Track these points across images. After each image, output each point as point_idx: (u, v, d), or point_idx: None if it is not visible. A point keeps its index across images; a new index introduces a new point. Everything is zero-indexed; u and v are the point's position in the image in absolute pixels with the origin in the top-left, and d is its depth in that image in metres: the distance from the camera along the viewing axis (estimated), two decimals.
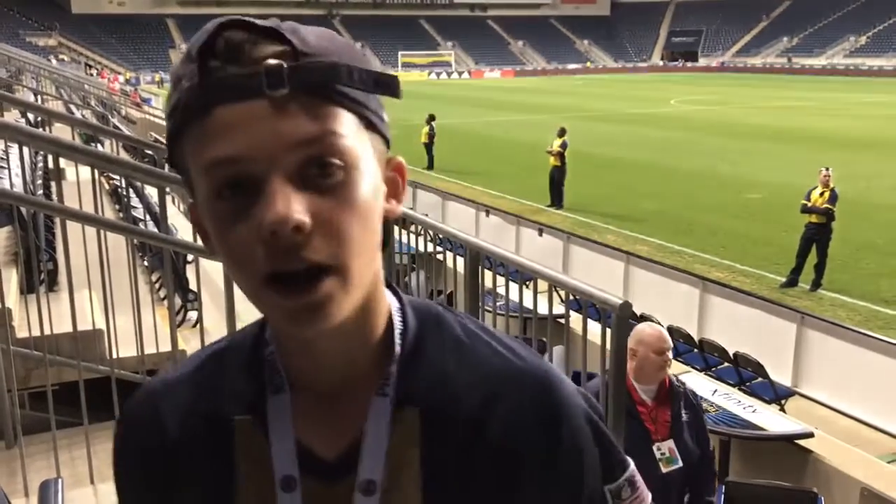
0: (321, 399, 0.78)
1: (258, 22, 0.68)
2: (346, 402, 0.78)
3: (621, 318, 2.87)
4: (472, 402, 0.78)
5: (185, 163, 0.71)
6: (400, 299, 0.82)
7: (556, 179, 17.75)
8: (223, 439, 0.79)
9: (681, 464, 3.50)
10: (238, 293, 3.99)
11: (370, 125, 0.72)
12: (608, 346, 3.01)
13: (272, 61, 0.66)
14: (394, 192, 0.77)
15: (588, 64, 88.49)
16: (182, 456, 0.80)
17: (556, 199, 17.72)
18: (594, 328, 3.65)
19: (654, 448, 3.47)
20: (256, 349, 0.81)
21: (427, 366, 0.79)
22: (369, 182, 0.70)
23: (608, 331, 2.99)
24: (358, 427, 0.77)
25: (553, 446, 0.78)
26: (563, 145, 17.59)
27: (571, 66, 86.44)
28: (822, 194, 11.57)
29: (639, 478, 0.88)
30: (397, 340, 0.79)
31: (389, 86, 0.70)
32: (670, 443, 3.51)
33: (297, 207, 0.65)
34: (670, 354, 3.60)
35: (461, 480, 0.77)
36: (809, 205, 11.68)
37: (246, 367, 0.81)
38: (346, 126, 0.68)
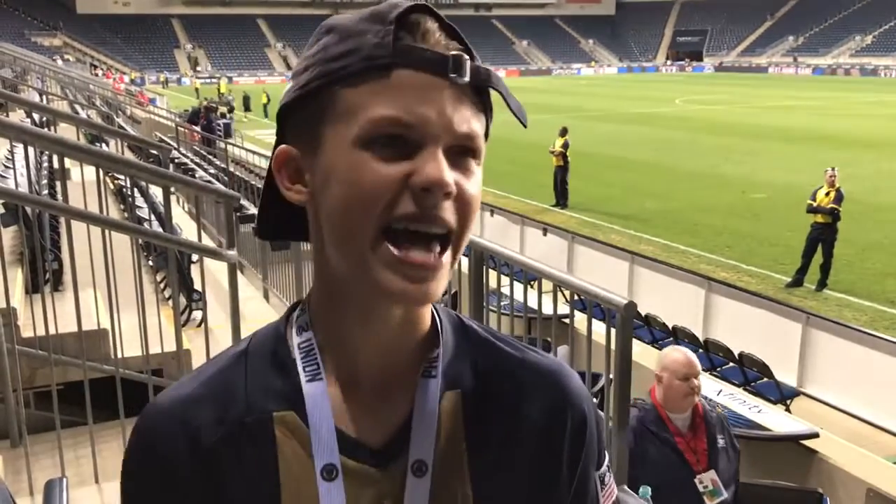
0: (362, 384, 0.80)
1: (444, 17, 0.76)
2: (389, 386, 0.80)
3: (626, 318, 2.86)
4: (505, 388, 0.84)
5: (324, 102, 0.74)
6: None
7: (560, 179, 17.75)
8: (263, 438, 0.79)
9: (725, 495, 3.34)
10: (243, 294, 3.98)
11: (486, 137, 0.79)
12: (613, 346, 3.00)
13: (457, 52, 0.73)
14: None
15: (592, 63, 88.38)
16: (220, 463, 0.78)
17: (561, 199, 17.72)
18: (598, 328, 3.63)
19: (696, 481, 3.30)
20: (282, 344, 0.83)
21: (462, 356, 0.84)
22: (480, 182, 0.78)
23: (613, 331, 2.98)
24: (401, 410, 0.80)
25: (577, 425, 0.86)
26: (565, 145, 17.58)
27: (576, 66, 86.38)
28: (827, 194, 11.55)
29: (609, 465, 0.95)
30: (440, 329, 0.84)
31: (523, 113, 0.78)
32: (712, 474, 3.35)
33: (451, 176, 0.72)
34: (698, 381, 3.39)
35: (503, 458, 0.82)
36: (815, 205, 11.66)
37: (276, 362, 0.82)
38: (484, 128, 0.77)
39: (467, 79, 0.72)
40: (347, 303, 0.78)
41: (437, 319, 0.85)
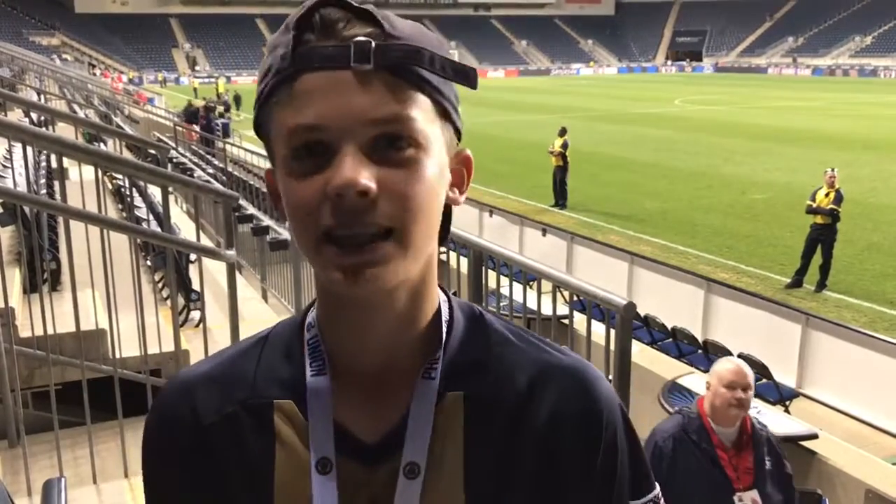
0: (363, 383, 0.80)
1: (354, 3, 0.72)
2: (389, 385, 0.80)
3: (625, 319, 2.86)
4: (517, 389, 0.81)
5: (268, 126, 0.75)
6: (448, 296, 0.86)
7: (559, 179, 17.75)
8: (262, 422, 0.81)
9: None
10: (241, 294, 3.98)
11: (444, 113, 0.75)
12: (612, 346, 3.00)
13: (361, 38, 0.70)
14: (458, 183, 0.81)
15: (591, 63, 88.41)
16: (220, 440, 0.82)
17: (560, 199, 17.72)
18: (597, 329, 3.63)
19: (736, 499, 3.20)
20: (298, 335, 0.84)
21: (471, 355, 0.82)
22: (435, 165, 0.74)
23: (612, 331, 2.98)
24: (400, 411, 0.79)
25: (594, 434, 0.81)
26: (565, 145, 17.58)
27: (575, 66, 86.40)
28: (827, 195, 11.55)
29: (660, 501, 0.86)
30: (444, 329, 0.82)
31: (468, 76, 0.73)
32: (754, 493, 3.22)
33: (364, 174, 0.69)
34: (747, 394, 3.24)
35: (503, 464, 0.79)
36: (814, 206, 11.66)
37: (287, 351, 0.84)
38: (422, 109, 0.72)
39: (370, 66, 0.69)
40: (337, 304, 0.79)
41: (449, 317, 0.83)
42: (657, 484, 0.86)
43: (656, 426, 3.43)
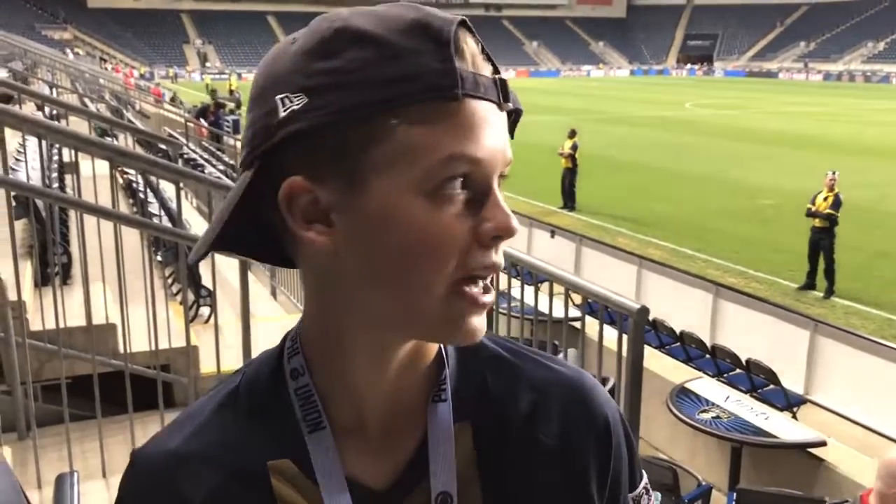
0: (365, 427, 0.75)
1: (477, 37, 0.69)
2: (395, 422, 0.75)
3: (638, 323, 2.85)
4: (520, 411, 0.78)
5: (369, 134, 0.64)
6: None
7: (568, 181, 17.73)
8: (259, 490, 0.73)
9: None
10: (251, 291, 3.94)
11: None
12: (624, 351, 2.99)
13: (499, 76, 0.68)
14: None
15: (600, 66, 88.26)
16: None
17: (569, 201, 17.69)
18: (608, 332, 3.62)
19: None
20: (280, 384, 0.75)
21: (470, 381, 0.78)
22: None
23: (625, 336, 2.96)
24: (411, 443, 0.75)
25: (605, 444, 0.80)
26: (574, 147, 17.55)
27: (585, 68, 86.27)
28: (825, 198, 11.54)
29: (649, 486, 0.88)
30: (444, 352, 0.78)
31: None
32: None
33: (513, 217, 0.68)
34: None
35: (520, 486, 0.76)
36: (813, 209, 11.67)
37: (269, 404, 0.75)
38: None
39: (511, 106, 0.69)
40: (357, 346, 0.72)
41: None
42: (643, 472, 0.88)
43: None
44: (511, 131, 0.71)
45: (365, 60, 0.64)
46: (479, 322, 0.68)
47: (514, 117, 0.72)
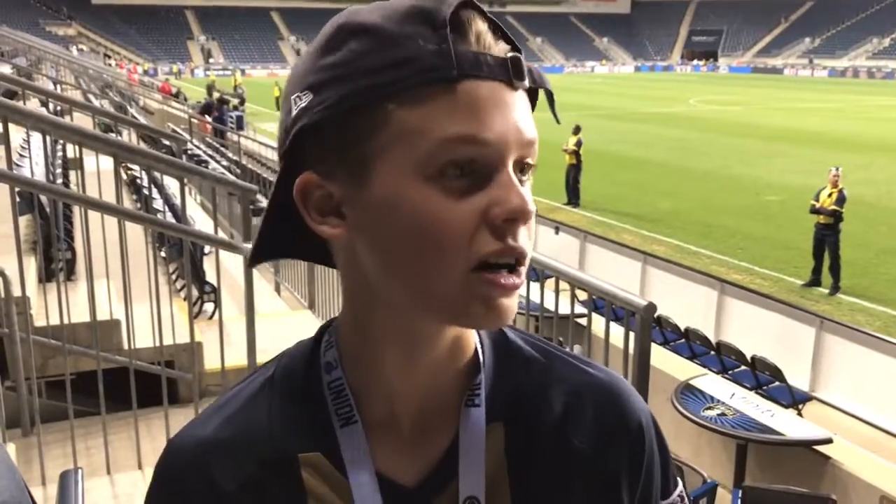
0: (398, 423, 0.74)
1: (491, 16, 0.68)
2: (428, 421, 0.75)
3: (645, 320, 2.83)
4: (553, 413, 0.77)
5: (370, 123, 0.64)
6: None
7: (572, 177, 17.71)
8: (290, 481, 0.73)
9: None
10: (255, 287, 3.93)
11: None
12: (630, 348, 2.97)
13: (515, 54, 0.66)
14: None
15: (604, 62, 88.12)
16: None
17: (573, 197, 17.67)
18: (614, 329, 3.60)
19: None
20: (314, 376, 0.76)
21: (503, 382, 0.78)
22: None
23: (631, 333, 2.95)
24: (442, 444, 0.74)
25: (638, 450, 0.79)
26: (578, 143, 17.52)
27: (590, 64, 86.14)
28: (829, 195, 11.51)
29: (685, 494, 0.86)
30: (480, 350, 0.77)
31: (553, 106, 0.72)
32: None
33: (528, 198, 0.65)
34: None
35: (551, 490, 0.76)
36: (817, 206, 11.64)
37: (303, 395, 0.75)
38: None
39: (526, 83, 0.66)
40: (386, 338, 0.72)
41: (479, 340, 0.78)
42: (679, 480, 0.86)
43: None
44: (551, 111, 0.70)
45: (362, 51, 0.65)
46: (506, 303, 0.66)
47: (548, 97, 0.71)
